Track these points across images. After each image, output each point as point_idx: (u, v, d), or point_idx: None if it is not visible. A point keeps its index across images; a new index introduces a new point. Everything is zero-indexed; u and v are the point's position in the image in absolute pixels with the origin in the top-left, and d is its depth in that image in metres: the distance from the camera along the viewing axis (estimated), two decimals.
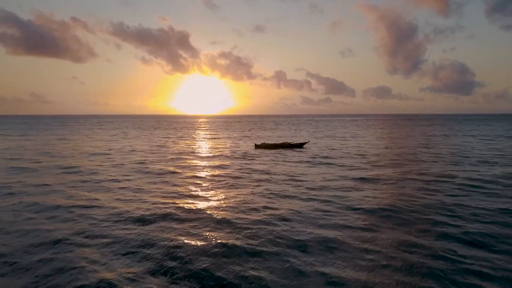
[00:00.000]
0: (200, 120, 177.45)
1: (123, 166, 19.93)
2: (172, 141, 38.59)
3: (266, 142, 35.48)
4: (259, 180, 15.73)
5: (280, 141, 37.72)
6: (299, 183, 15.18)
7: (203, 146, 33.24)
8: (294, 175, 17.10)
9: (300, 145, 33.16)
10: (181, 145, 34.22)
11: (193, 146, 32.88)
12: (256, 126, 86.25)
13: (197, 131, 63.21)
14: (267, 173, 17.54)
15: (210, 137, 47.67)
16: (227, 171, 18.36)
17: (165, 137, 45.23)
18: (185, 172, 17.78)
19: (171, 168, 19.00)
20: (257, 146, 32.51)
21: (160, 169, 18.86)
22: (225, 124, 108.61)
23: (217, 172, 17.99)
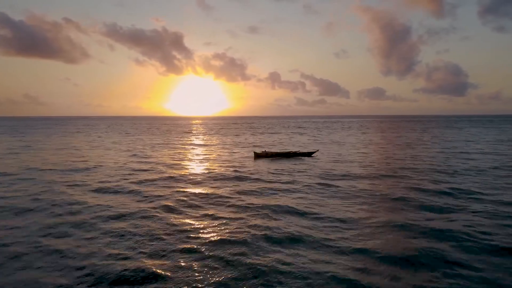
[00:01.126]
0: (194, 122, 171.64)
1: (71, 197, 14.16)
2: (154, 151, 32.74)
3: (267, 150, 29.86)
4: (265, 228, 10.03)
5: (282, 149, 31.98)
6: (327, 234, 9.52)
7: (190, 158, 27.47)
8: (314, 214, 11.44)
9: (308, 155, 27.64)
10: (163, 156, 28.36)
11: (177, 159, 27.08)
12: (253, 129, 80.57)
13: (188, 136, 57.38)
14: (274, 212, 11.83)
15: (202, 143, 41.89)
16: (215, 208, 12.60)
17: (148, 144, 39.33)
18: (151, 215, 11.94)
19: (131, 204, 13.18)
20: (257, 156, 27.01)
21: (116, 204, 13.10)
22: (219, 126, 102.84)
23: (199, 212, 12.15)
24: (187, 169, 21.33)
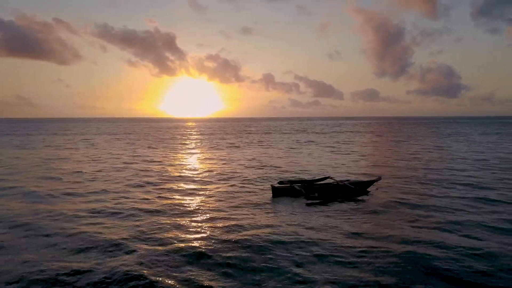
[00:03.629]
0: (187, 124, 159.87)
1: None
2: (106, 181, 20.80)
3: (291, 179, 17.82)
4: None
5: (307, 174, 19.51)
6: None
7: (158, 203, 15.59)
8: None
9: (361, 188, 16.18)
10: (118, 193, 16.46)
11: (138, 201, 15.25)
12: (251, 134, 68.43)
13: (169, 148, 45.35)
14: None
15: (189, 161, 30.11)
16: None
17: (87, 171, 27.42)
18: None
19: None
20: (275, 192, 15.66)
21: None
22: (214, 131, 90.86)
23: None
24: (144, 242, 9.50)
